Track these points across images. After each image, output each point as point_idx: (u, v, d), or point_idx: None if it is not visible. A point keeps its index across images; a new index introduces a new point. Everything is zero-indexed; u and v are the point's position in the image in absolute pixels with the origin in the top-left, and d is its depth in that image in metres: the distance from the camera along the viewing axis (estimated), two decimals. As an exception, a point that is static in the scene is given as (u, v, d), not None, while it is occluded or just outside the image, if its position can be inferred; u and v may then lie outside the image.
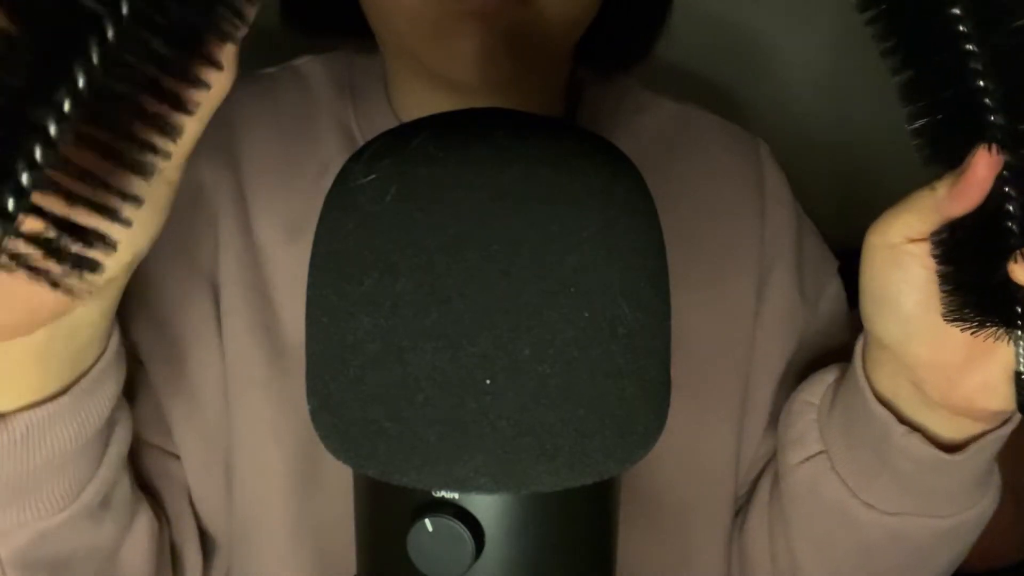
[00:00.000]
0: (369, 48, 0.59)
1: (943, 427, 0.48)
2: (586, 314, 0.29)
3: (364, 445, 0.30)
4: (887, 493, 0.52)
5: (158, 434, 0.55)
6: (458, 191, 0.29)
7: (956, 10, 0.36)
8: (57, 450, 0.41)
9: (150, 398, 0.55)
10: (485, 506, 0.30)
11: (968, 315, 0.42)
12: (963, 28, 0.36)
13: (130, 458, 0.48)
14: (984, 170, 0.38)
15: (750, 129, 0.66)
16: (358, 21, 0.55)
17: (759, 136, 0.66)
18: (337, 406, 0.30)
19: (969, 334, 0.42)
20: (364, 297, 0.29)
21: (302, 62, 0.62)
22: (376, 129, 0.40)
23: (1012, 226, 0.39)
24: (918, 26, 0.37)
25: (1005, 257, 0.39)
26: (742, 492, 0.63)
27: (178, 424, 0.55)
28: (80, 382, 0.41)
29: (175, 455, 0.56)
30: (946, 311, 0.43)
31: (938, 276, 0.43)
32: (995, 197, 0.39)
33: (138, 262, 0.36)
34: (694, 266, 0.59)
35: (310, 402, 0.31)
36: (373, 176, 0.30)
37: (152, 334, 0.55)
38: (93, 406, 0.42)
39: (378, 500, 0.32)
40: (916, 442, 0.48)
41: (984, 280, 0.41)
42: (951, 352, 0.44)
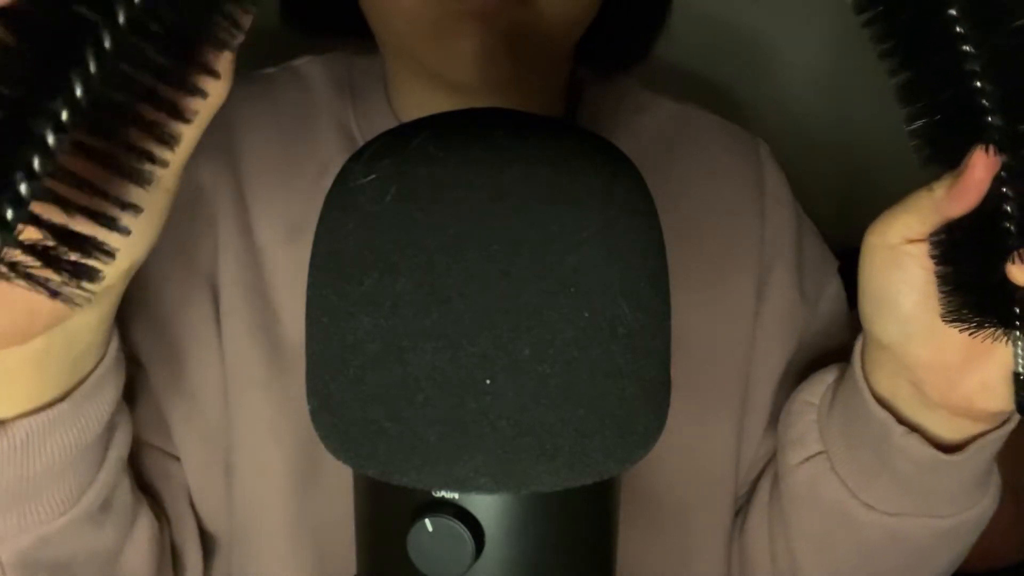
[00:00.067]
0: (369, 48, 0.59)
1: (942, 427, 0.48)
2: (586, 314, 0.29)
3: (364, 445, 0.30)
4: (887, 493, 0.52)
5: (158, 435, 0.55)
6: (458, 191, 0.29)
7: (953, 11, 0.36)
8: (57, 456, 0.41)
9: (150, 400, 0.55)
10: (485, 506, 0.30)
11: (966, 316, 0.42)
12: (960, 29, 0.36)
13: (130, 460, 0.48)
14: (982, 171, 0.38)
15: (750, 129, 0.66)
16: (358, 21, 0.55)
17: (759, 136, 0.66)
18: (337, 406, 0.30)
19: (968, 335, 0.42)
20: (364, 297, 0.29)
21: (302, 62, 0.62)
22: (376, 129, 0.40)
23: (1010, 227, 0.39)
24: (916, 27, 0.37)
25: (1003, 258, 0.39)
26: (742, 492, 0.63)
27: (178, 425, 0.55)
28: (79, 388, 0.41)
29: (175, 456, 0.56)
30: (945, 312, 0.43)
31: (936, 277, 0.43)
32: (993, 198, 0.39)
33: (136, 269, 0.36)
34: (694, 266, 0.59)
35: (310, 402, 0.31)
36: (373, 176, 0.30)
37: (152, 336, 0.55)
38: (93, 411, 0.42)
39: (378, 500, 0.32)
40: (915, 442, 0.48)
41: (982, 281, 0.41)
42: (950, 352, 0.44)
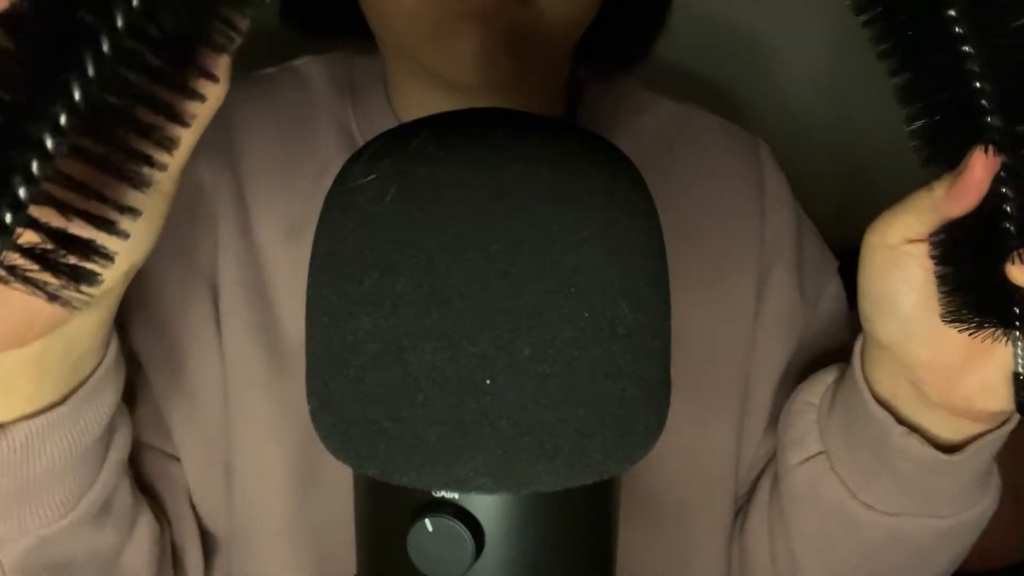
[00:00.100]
0: (369, 48, 0.59)
1: (942, 427, 0.48)
2: (586, 314, 0.29)
3: (364, 445, 0.30)
4: (887, 493, 0.52)
5: (158, 436, 0.55)
6: (458, 191, 0.29)
7: (953, 11, 0.36)
8: (57, 458, 0.41)
9: (149, 401, 0.55)
10: (485, 506, 0.30)
11: (966, 316, 0.42)
12: (960, 30, 0.36)
13: (130, 461, 0.48)
14: (981, 171, 0.38)
15: (750, 129, 0.66)
16: (358, 21, 0.55)
17: (759, 136, 0.66)
18: (337, 406, 0.30)
19: (967, 335, 0.42)
20: (364, 297, 0.29)
21: (302, 62, 0.62)
22: (376, 129, 0.40)
23: (1010, 227, 0.39)
24: (915, 28, 0.37)
25: (1003, 258, 0.39)
26: (742, 492, 0.63)
27: (178, 426, 0.55)
28: (79, 391, 0.41)
29: (175, 457, 0.56)
30: (944, 312, 0.43)
31: (936, 277, 0.43)
32: (993, 198, 0.39)
33: (135, 272, 0.36)
34: (694, 266, 0.59)
35: (310, 402, 0.31)
36: (373, 176, 0.30)
37: (151, 336, 0.55)
38: (92, 414, 0.42)
39: (378, 500, 0.32)
40: (915, 443, 0.48)
41: (982, 281, 0.41)
42: (950, 353, 0.44)
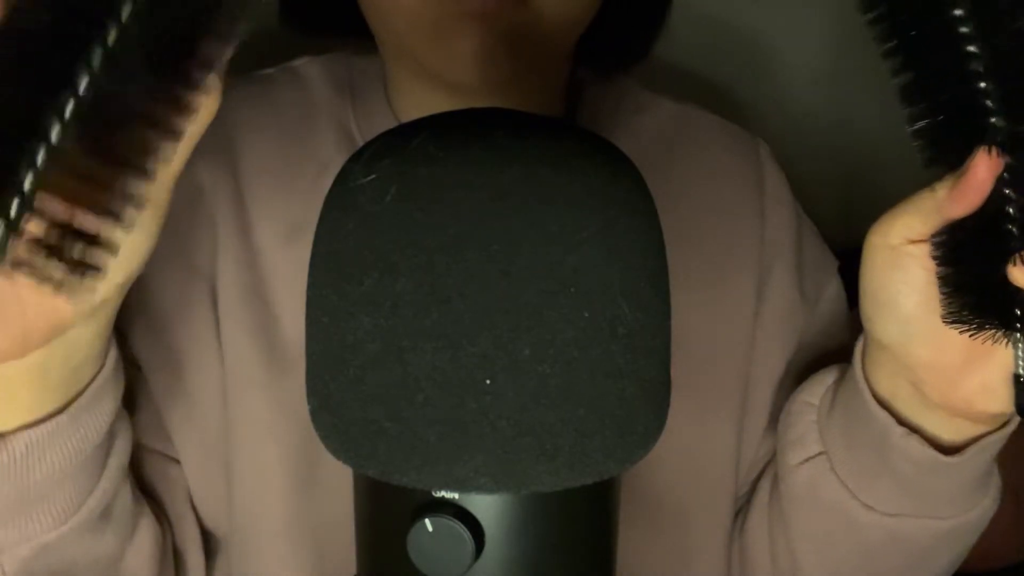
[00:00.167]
0: (368, 49, 0.59)
1: (942, 428, 0.48)
2: (586, 314, 0.29)
3: (364, 445, 0.29)
4: (887, 494, 0.52)
5: (158, 439, 0.55)
6: (458, 191, 0.29)
7: (958, 12, 0.36)
8: (57, 466, 0.41)
9: (149, 404, 0.54)
10: (485, 506, 0.30)
11: (967, 317, 0.42)
12: (964, 30, 0.36)
13: (130, 464, 0.48)
14: (984, 172, 0.38)
15: (750, 129, 0.66)
16: (357, 21, 0.55)
17: (759, 136, 0.66)
18: (337, 406, 0.30)
19: (968, 336, 0.42)
20: (364, 297, 0.29)
21: (301, 63, 0.62)
22: (375, 129, 0.40)
23: (1012, 228, 0.39)
24: (919, 28, 0.37)
25: (1005, 259, 0.39)
26: (742, 492, 0.63)
27: (178, 427, 0.55)
28: (78, 399, 0.41)
29: (175, 459, 0.56)
30: (945, 313, 0.43)
31: (938, 277, 0.43)
32: (995, 199, 0.39)
33: (131, 282, 0.36)
34: (694, 266, 0.59)
35: (310, 402, 0.31)
36: (373, 176, 0.30)
37: (151, 339, 0.55)
38: (92, 422, 0.42)
39: (378, 500, 0.32)
40: (915, 443, 0.48)
41: (983, 282, 0.41)
42: (950, 353, 0.44)
